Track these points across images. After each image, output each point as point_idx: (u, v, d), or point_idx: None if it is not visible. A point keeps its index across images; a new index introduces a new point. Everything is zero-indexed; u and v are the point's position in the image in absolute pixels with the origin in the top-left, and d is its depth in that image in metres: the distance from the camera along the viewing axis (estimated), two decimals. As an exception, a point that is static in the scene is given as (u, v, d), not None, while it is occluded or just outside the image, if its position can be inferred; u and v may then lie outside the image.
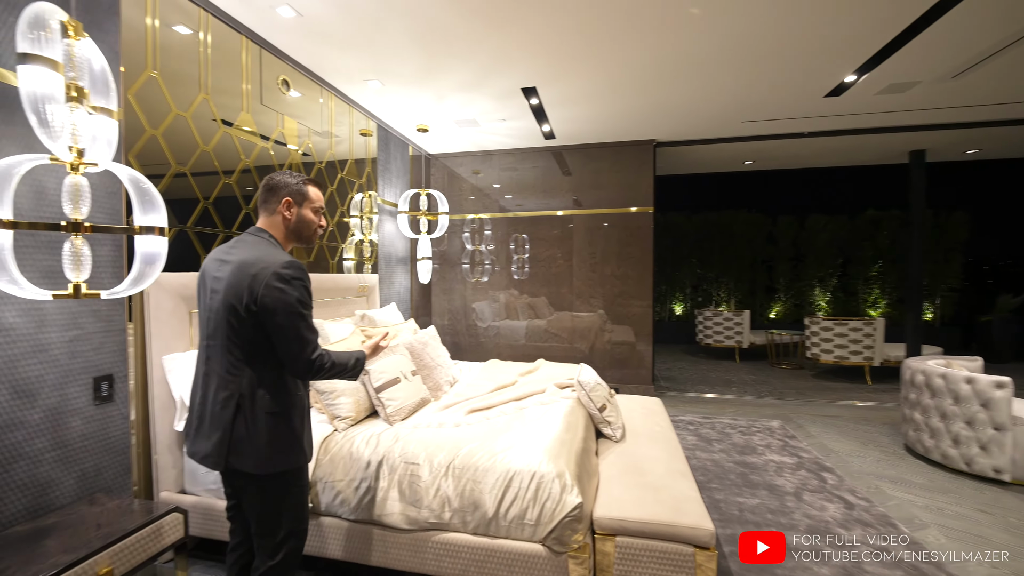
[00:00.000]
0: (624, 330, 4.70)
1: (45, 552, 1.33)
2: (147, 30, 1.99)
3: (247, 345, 1.24)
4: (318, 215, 1.44)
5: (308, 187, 1.42)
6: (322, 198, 1.46)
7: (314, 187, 1.44)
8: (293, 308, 1.23)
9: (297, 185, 1.40)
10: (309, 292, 1.30)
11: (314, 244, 1.54)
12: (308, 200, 1.41)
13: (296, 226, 1.40)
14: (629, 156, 4.60)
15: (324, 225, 1.47)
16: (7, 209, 1.25)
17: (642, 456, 2.05)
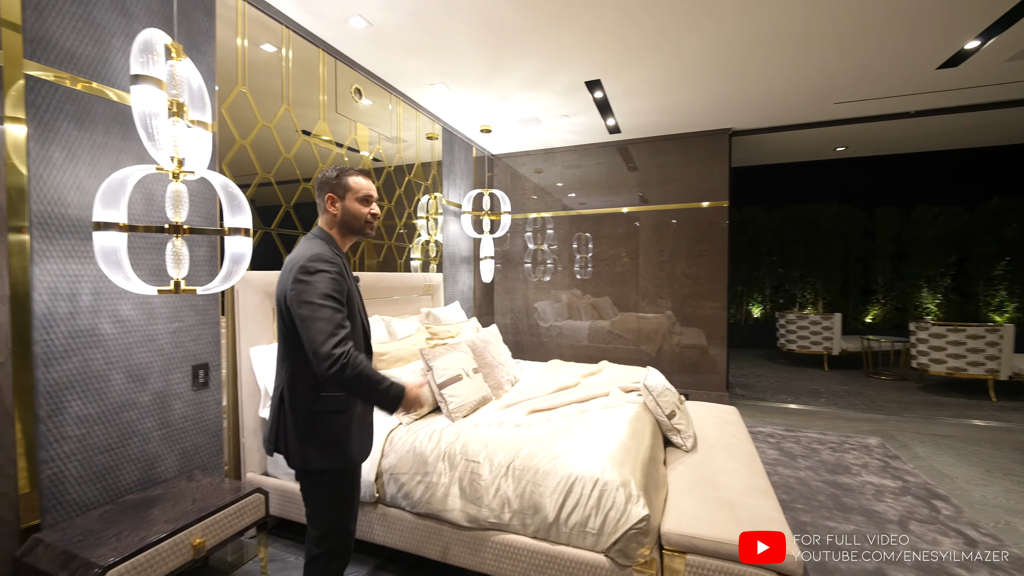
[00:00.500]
0: (695, 333, 4.43)
1: (151, 520, 1.49)
2: (238, 50, 2.17)
3: (287, 341, 1.30)
4: (366, 203, 1.38)
5: (348, 178, 1.37)
6: (366, 186, 1.39)
7: (355, 176, 1.38)
8: (314, 299, 1.19)
9: (336, 178, 1.37)
10: (338, 284, 1.24)
11: (369, 234, 1.42)
12: (350, 191, 1.36)
13: (344, 219, 1.37)
14: (701, 147, 4.32)
15: (376, 213, 1.41)
16: (123, 214, 1.41)
17: (716, 469, 1.89)
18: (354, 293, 1.37)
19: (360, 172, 1.41)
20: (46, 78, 1.48)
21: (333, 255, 1.30)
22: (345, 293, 1.27)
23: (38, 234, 1.45)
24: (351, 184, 1.37)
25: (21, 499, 1.42)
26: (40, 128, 1.46)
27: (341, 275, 1.27)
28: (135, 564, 1.33)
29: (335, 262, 1.28)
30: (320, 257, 1.25)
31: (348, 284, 1.32)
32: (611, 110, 3.73)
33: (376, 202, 1.42)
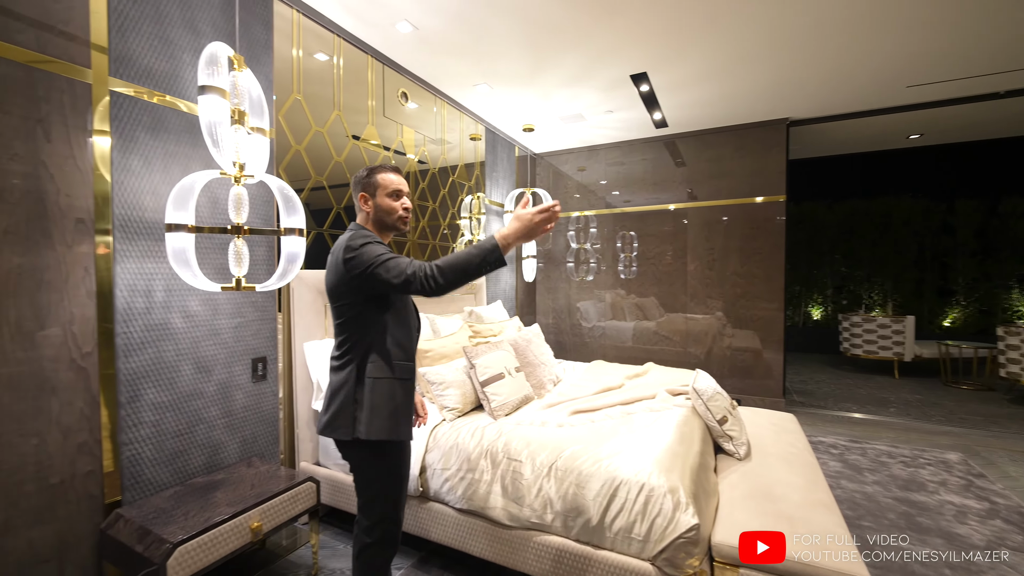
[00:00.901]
0: (748, 335, 4.20)
1: (215, 503, 1.60)
2: (293, 60, 2.28)
3: (337, 323, 1.35)
4: (397, 198, 1.41)
5: (378, 175, 1.40)
6: (395, 181, 1.41)
7: (384, 173, 1.41)
8: (373, 256, 1.24)
9: (366, 177, 1.41)
10: (385, 247, 1.31)
11: (402, 229, 1.44)
12: (380, 187, 1.40)
13: (377, 216, 1.40)
14: (755, 139, 4.10)
15: (408, 207, 1.42)
16: (191, 216, 1.52)
17: (773, 480, 1.78)
18: None
19: (390, 168, 1.43)
20: (127, 93, 1.61)
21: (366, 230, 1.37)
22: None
23: (119, 236, 1.59)
24: (381, 181, 1.40)
25: (106, 477, 1.56)
26: (121, 139, 1.60)
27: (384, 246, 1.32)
28: (201, 543, 1.42)
29: (379, 239, 1.34)
30: (361, 234, 1.32)
31: None
32: (658, 104, 3.61)
33: (407, 196, 1.44)
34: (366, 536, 1.36)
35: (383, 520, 1.37)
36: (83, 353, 1.50)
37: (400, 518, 1.42)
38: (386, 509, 1.37)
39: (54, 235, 1.44)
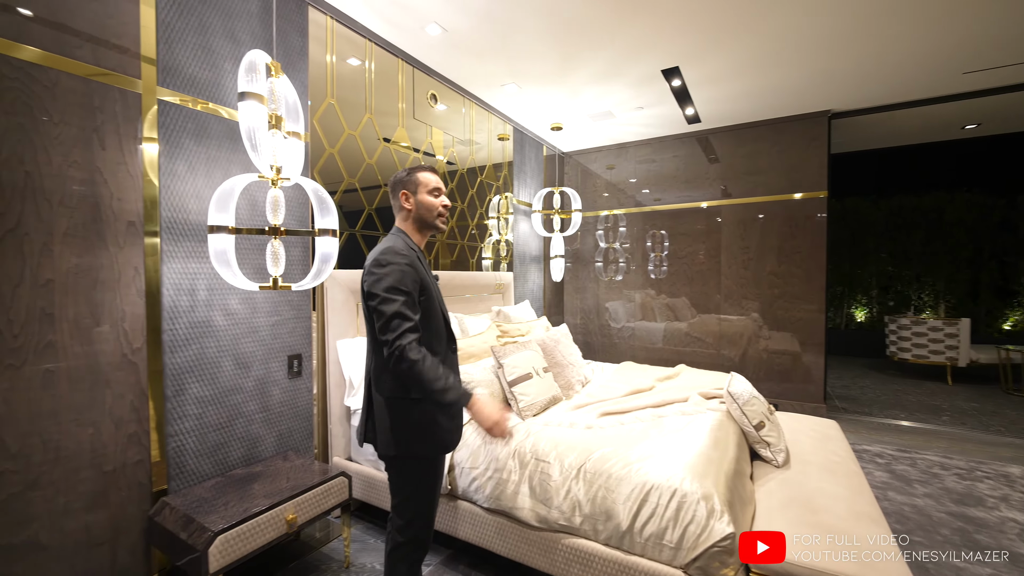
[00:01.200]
0: (786, 337, 4.04)
1: (252, 494, 1.66)
2: (327, 65, 2.34)
3: (370, 332, 1.36)
4: (437, 195, 1.44)
5: (417, 173, 1.43)
6: (434, 180, 1.44)
7: (424, 172, 1.44)
8: (380, 291, 1.25)
9: (407, 175, 1.44)
10: (407, 276, 1.28)
11: (441, 227, 1.46)
12: (421, 185, 1.42)
13: (418, 213, 1.42)
14: (794, 133, 3.93)
15: (447, 204, 1.45)
16: (231, 218, 1.58)
17: (813, 489, 1.70)
18: (432, 286, 1.39)
19: (428, 168, 1.46)
20: (173, 101, 1.69)
21: (407, 248, 1.35)
22: (418, 284, 1.32)
23: (166, 237, 1.67)
24: (421, 179, 1.43)
25: (153, 466, 1.64)
26: (168, 145, 1.68)
27: (412, 266, 1.31)
28: (239, 532, 1.48)
29: (406, 254, 1.32)
30: (391, 250, 1.31)
31: (424, 276, 1.36)
32: (690, 99, 3.51)
33: (445, 195, 1.47)
34: (398, 535, 1.37)
35: (415, 521, 1.37)
36: (133, 349, 1.59)
37: (431, 521, 1.41)
38: (418, 511, 1.37)
39: (107, 237, 1.53)
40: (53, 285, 1.41)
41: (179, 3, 1.71)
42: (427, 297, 1.35)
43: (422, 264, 1.39)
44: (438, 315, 1.40)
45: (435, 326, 1.38)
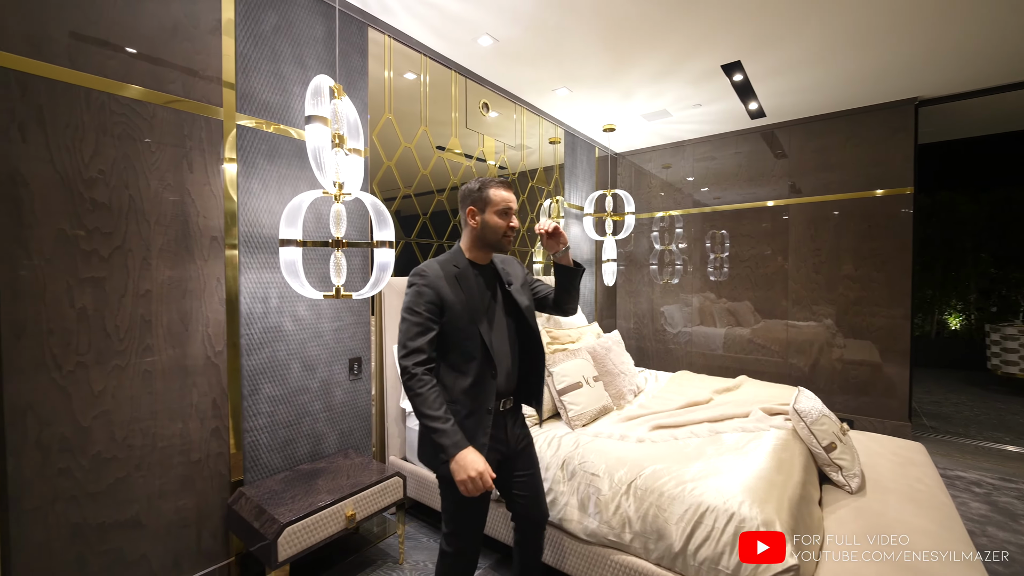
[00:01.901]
0: (864, 346, 3.70)
1: (316, 489, 1.77)
2: (385, 81, 2.45)
3: None
4: (505, 217, 1.36)
5: (489, 191, 1.36)
6: (507, 199, 1.37)
7: (496, 189, 1.36)
8: (402, 311, 1.31)
9: (478, 191, 1.37)
10: (424, 299, 1.28)
11: (506, 248, 1.41)
12: (490, 204, 1.35)
13: (482, 233, 1.37)
14: (874, 124, 3.59)
15: (515, 226, 1.37)
16: (299, 231, 1.70)
17: (892, 520, 1.55)
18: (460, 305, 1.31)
19: (501, 184, 1.38)
20: (249, 125, 1.85)
21: (443, 266, 1.35)
22: (435, 305, 1.29)
23: (243, 250, 1.83)
24: (491, 197, 1.36)
25: (231, 458, 1.81)
26: (245, 165, 1.84)
27: (431, 287, 1.29)
28: (305, 525, 1.59)
29: (430, 274, 1.32)
30: (420, 269, 1.34)
31: (447, 295, 1.30)
32: (753, 93, 3.31)
33: (516, 214, 1.39)
34: (445, 543, 1.39)
35: (459, 534, 1.37)
36: (216, 351, 1.75)
37: (477, 537, 1.39)
38: (460, 525, 1.37)
39: (195, 251, 1.70)
40: (151, 295, 1.59)
41: (255, 35, 1.87)
42: (450, 318, 1.30)
43: (460, 283, 1.33)
44: (469, 337, 1.31)
45: (464, 348, 1.31)
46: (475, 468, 1.18)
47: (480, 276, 1.41)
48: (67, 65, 1.42)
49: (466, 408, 1.31)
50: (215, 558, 1.77)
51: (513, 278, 1.47)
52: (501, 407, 1.40)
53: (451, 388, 1.31)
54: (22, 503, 1.35)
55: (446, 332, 1.31)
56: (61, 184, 1.41)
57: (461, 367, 1.32)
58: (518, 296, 1.44)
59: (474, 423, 1.30)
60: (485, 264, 1.44)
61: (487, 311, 1.37)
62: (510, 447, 1.44)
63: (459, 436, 1.22)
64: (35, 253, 1.37)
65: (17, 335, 1.34)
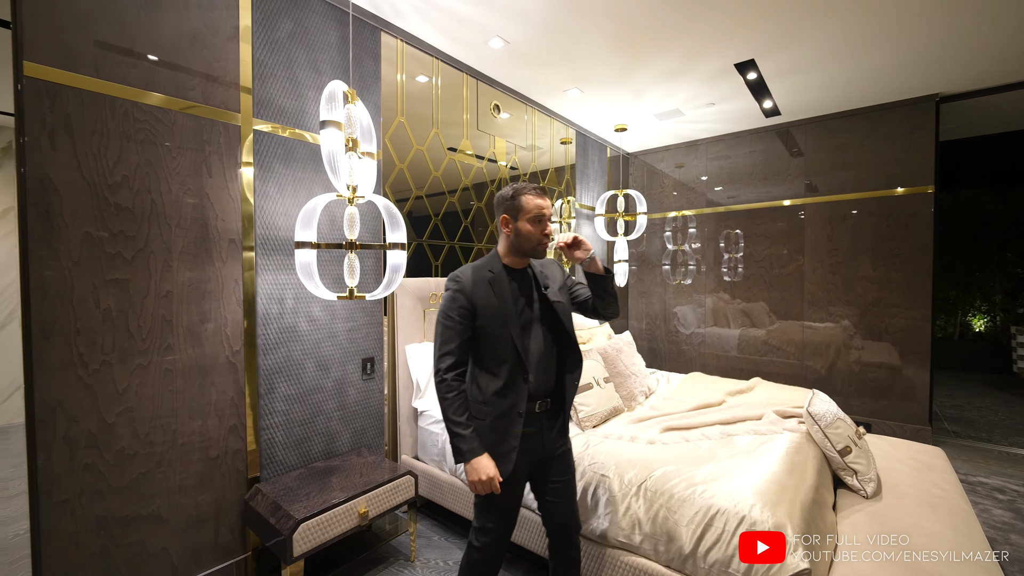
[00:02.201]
0: (883, 348, 3.62)
1: (330, 487, 1.81)
2: (398, 84, 2.48)
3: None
4: (539, 224, 1.34)
5: (522, 198, 1.34)
6: (540, 206, 1.34)
7: (529, 196, 1.34)
8: (438, 315, 1.36)
9: (511, 199, 1.36)
10: (456, 304, 1.31)
11: (541, 254, 1.40)
12: (523, 212, 1.34)
13: (516, 241, 1.37)
14: (893, 121, 3.51)
15: (549, 233, 1.36)
16: (313, 234, 1.74)
17: (908, 525, 1.52)
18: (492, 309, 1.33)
19: (535, 190, 1.36)
20: (266, 130, 1.89)
21: (476, 271, 1.37)
22: (467, 310, 1.32)
23: (260, 252, 1.87)
24: (524, 205, 1.34)
25: (248, 455, 1.85)
26: (261, 169, 1.88)
27: (462, 292, 1.33)
28: (319, 521, 1.62)
29: (463, 279, 1.35)
30: (454, 276, 1.37)
31: (478, 300, 1.33)
32: (768, 91, 3.27)
33: (549, 220, 1.37)
34: (473, 538, 1.41)
35: (487, 531, 1.38)
36: (233, 351, 1.80)
37: (504, 539, 1.40)
38: (488, 523, 1.38)
39: (214, 253, 1.74)
40: (172, 296, 1.64)
41: (271, 42, 1.91)
42: (483, 322, 1.33)
43: (493, 288, 1.35)
44: (501, 340, 1.33)
45: (496, 352, 1.33)
46: (486, 473, 1.26)
47: (515, 281, 1.40)
48: (93, 75, 1.47)
49: (498, 410, 1.33)
50: (232, 553, 1.82)
51: (551, 281, 1.46)
52: (537, 408, 1.39)
53: (484, 389, 1.34)
54: (52, 496, 1.41)
55: (479, 336, 1.34)
56: (88, 189, 1.46)
57: (494, 370, 1.34)
58: (555, 299, 1.43)
59: (505, 425, 1.33)
60: (521, 269, 1.44)
61: (520, 315, 1.38)
62: (546, 449, 1.42)
63: (476, 443, 1.28)
64: (63, 256, 1.42)
65: (46, 335, 1.40)
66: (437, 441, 2.27)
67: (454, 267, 2.87)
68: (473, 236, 3.03)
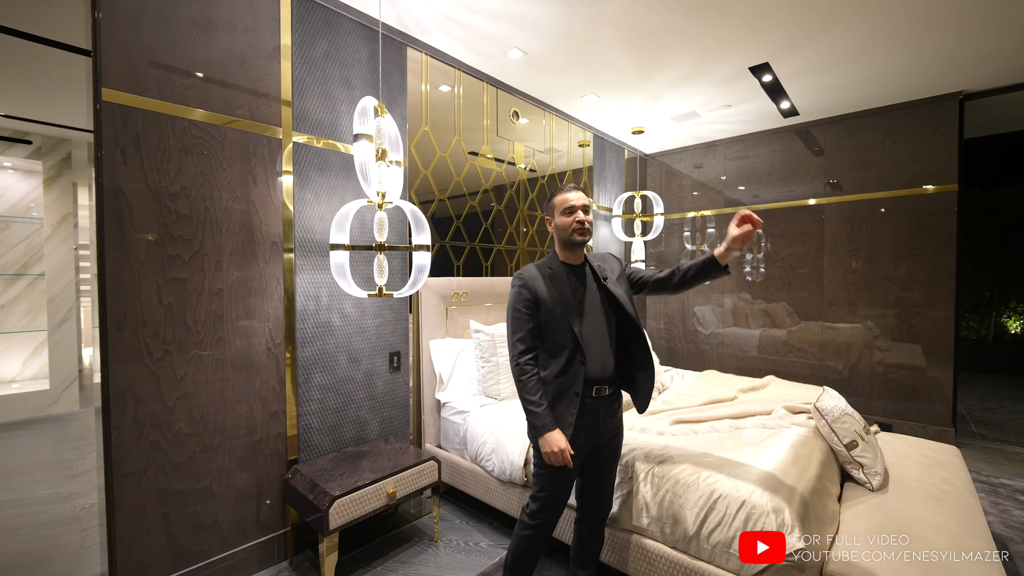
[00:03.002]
0: (907, 349, 3.59)
1: (361, 469, 1.97)
2: (422, 95, 2.64)
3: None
4: (570, 214, 1.52)
5: (555, 197, 1.57)
6: (566, 199, 1.53)
7: (560, 194, 1.56)
8: (508, 309, 1.53)
9: (549, 200, 1.60)
10: (522, 297, 1.48)
11: (578, 240, 1.53)
12: (556, 208, 1.56)
13: (559, 235, 1.56)
14: (915, 120, 3.48)
15: (581, 220, 1.50)
16: (346, 236, 1.90)
17: (911, 517, 1.58)
18: (553, 300, 1.48)
19: (566, 188, 1.57)
20: (303, 142, 2.07)
21: (539, 268, 1.54)
22: (531, 302, 1.49)
23: (299, 253, 2.05)
24: (556, 202, 1.57)
25: (288, 439, 2.03)
26: (300, 178, 2.06)
27: (526, 287, 1.50)
28: (352, 498, 1.78)
29: (526, 276, 1.52)
30: (519, 274, 1.54)
31: (541, 293, 1.49)
32: (784, 93, 3.30)
33: (581, 208, 1.52)
34: (526, 516, 1.54)
35: (543, 506, 1.51)
36: (275, 343, 1.98)
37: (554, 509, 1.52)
38: (546, 496, 1.51)
39: (258, 255, 1.92)
40: (223, 293, 1.83)
41: (308, 61, 2.08)
42: (544, 313, 1.48)
43: (553, 282, 1.51)
44: (561, 328, 1.48)
45: (557, 339, 1.48)
46: (558, 445, 1.40)
47: (573, 275, 1.56)
48: (157, 96, 1.66)
49: (557, 391, 1.47)
50: (273, 527, 1.99)
51: (609, 272, 1.61)
52: (594, 393, 1.51)
53: (547, 372, 1.49)
54: (123, 468, 1.60)
55: (542, 325, 1.50)
56: (152, 198, 1.66)
57: (554, 354, 1.49)
58: (614, 289, 1.57)
59: (564, 406, 1.47)
60: (577, 264, 1.59)
61: (578, 305, 1.52)
62: (602, 434, 1.55)
63: (549, 419, 1.43)
64: (132, 257, 1.62)
65: (119, 327, 1.59)
66: (459, 431, 2.42)
67: (475, 268, 3.02)
68: (493, 238, 3.16)
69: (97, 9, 1.54)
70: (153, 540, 1.67)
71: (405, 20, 2.36)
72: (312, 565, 1.98)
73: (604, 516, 1.64)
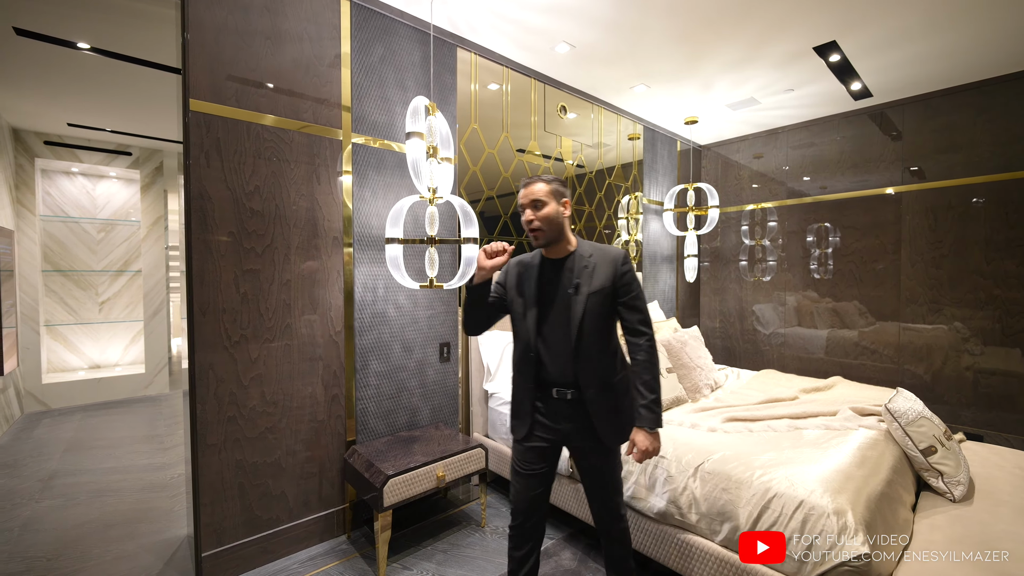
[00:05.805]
0: (1003, 353, 3.21)
1: (413, 452, 2.06)
2: (471, 94, 2.71)
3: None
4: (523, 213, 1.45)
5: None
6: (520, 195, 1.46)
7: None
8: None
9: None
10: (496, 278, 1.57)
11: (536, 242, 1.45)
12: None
13: None
14: (1011, 96, 3.11)
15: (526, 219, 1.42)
16: (400, 231, 2.00)
17: (999, 532, 1.43)
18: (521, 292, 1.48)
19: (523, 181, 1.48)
20: (361, 142, 2.20)
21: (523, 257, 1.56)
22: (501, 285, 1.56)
23: (357, 247, 2.18)
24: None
25: (347, 422, 2.17)
26: (358, 176, 2.19)
27: (506, 272, 1.56)
28: (404, 478, 1.88)
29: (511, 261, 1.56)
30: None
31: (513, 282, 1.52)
32: (854, 72, 3.06)
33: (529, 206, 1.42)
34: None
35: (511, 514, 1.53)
36: (336, 331, 2.12)
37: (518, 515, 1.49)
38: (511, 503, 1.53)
39: (321, 248, 2.07)
40: (290, 284, 1.98)
41: (366, 66, 2.21)
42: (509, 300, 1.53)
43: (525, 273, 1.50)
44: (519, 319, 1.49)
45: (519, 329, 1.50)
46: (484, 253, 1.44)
47: (552, 270, 1.47)
48: (234, 105, 1.84)
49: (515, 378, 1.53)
50: (333, 503, 2.14)
51: (586, 280, 1.41)
52: (555, 394, 1.43)
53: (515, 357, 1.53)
54: (207, 439, 1.79)
55: (510, 313, 1.54)
56: (231, 197, 1.83)
57: (516, 342, 1.53)
58: (576, 304, 1.40)
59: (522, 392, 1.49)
60: (558, 259, 1.47)
61: (541, 302, 1.45)
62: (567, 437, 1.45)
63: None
64: (214, 250, 1.80)
65: (204, 313, 1.78)
66: (505, 421, 2.46)
67: (522, 262, 3.05)
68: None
69: (186, 30, 1.73)
70: (231, 507, 1.85)
71: (456, 21, 2.44)
72: (368, 540, 2.11)
73: (611, 529, 1.49)
